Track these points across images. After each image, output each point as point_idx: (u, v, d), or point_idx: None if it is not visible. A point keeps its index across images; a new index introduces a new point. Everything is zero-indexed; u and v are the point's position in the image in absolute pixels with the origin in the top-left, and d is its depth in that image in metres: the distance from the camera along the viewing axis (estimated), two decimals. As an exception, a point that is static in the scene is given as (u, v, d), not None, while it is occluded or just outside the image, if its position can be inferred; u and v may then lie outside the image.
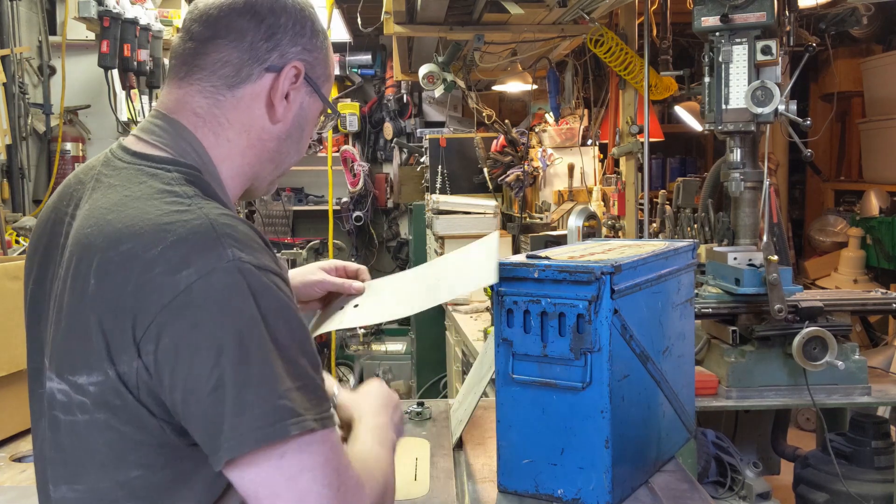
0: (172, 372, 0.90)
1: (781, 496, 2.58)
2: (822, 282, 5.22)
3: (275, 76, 1.08)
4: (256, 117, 1.09)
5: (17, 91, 4.48)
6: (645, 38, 3.47)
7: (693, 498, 1.50)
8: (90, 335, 0.94)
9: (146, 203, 0.97)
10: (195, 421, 0.92)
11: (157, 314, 0.90)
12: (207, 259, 0.91)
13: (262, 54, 1.07)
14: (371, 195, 6.83)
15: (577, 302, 1.40)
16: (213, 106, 1.08)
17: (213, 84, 1.07)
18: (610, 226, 3.90)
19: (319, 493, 0.91)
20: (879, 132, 5.27)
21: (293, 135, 1.14)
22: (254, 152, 1.11)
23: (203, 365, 0.89)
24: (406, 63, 5.04)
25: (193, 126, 1.08)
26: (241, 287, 0.91)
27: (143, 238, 0.93)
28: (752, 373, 2.34)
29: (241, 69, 1.07)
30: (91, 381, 0.95)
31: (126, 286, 0.92)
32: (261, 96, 1.09)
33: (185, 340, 0.89)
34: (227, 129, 1.08)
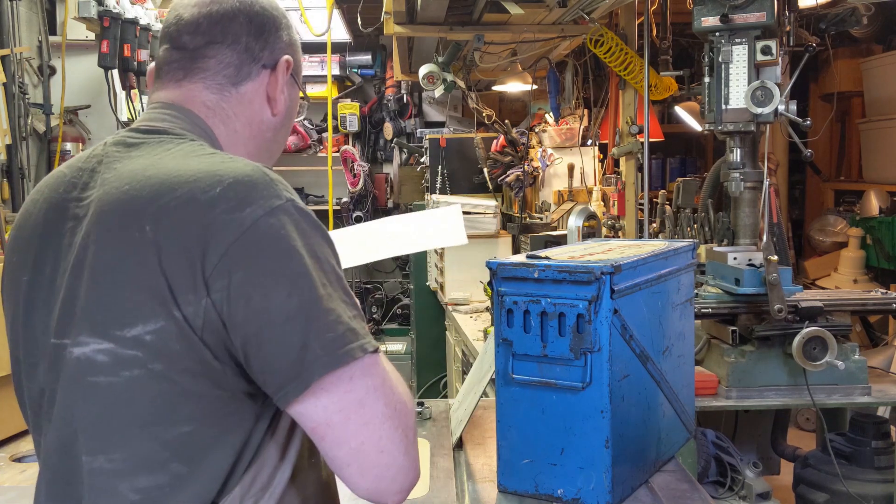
0: (247, 304, 0.93)
1: (781, 496, 2.58)
2: (822, 282, 5.22)
3: (270, 72, 1.17)
4: (257, 111, 1.17)
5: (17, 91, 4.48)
6: (645, 38, 3.47)
7: (693, 498, 1.50)
8: (147, 282, 0.94)
9: (187, 159, 1.02)
10: (268, 352, 0.94)
11: (226, 250, 0.93)
12: (267, 198, 0.96)
13: (256, 53, 1.16)
14: (371, 195, 6.83)
15: (577, 302, 1.40)
16: (220, 100, 1.15)
17: (218, 82, 1.15)
18: (610, 226, 3.90)
19: (383, 412, 0.97)
20: (879, 132, 5.27)
21: (285, 125, 1.22)
22: (255, 143, 1.18)
23: (278, 295, 0.93)
24: (406, 63, 5.04)
25: (204, 116, 1.14)
26: (300, 224, 0.97)
27: (198, 182, 0.97)
28: (751, 373, 2.34)
29: (241, 68, 1.15)
30: (148, 330, 0.94)
31: (189, 227, 0.94)
32: (260, 91, 1.17)
33: (258, 273, 0.93)
34: (235, 122, 1.15)
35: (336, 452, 0.96)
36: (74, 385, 0.99)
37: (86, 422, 0.98)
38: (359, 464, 0.96)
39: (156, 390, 0.95)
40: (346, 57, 6.66)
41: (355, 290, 6.89)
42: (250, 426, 0.99)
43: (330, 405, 0.95)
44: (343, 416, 0.95)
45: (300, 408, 0.95)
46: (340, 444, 0.96)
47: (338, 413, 0.95)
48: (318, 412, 0.95)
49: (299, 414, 0.96)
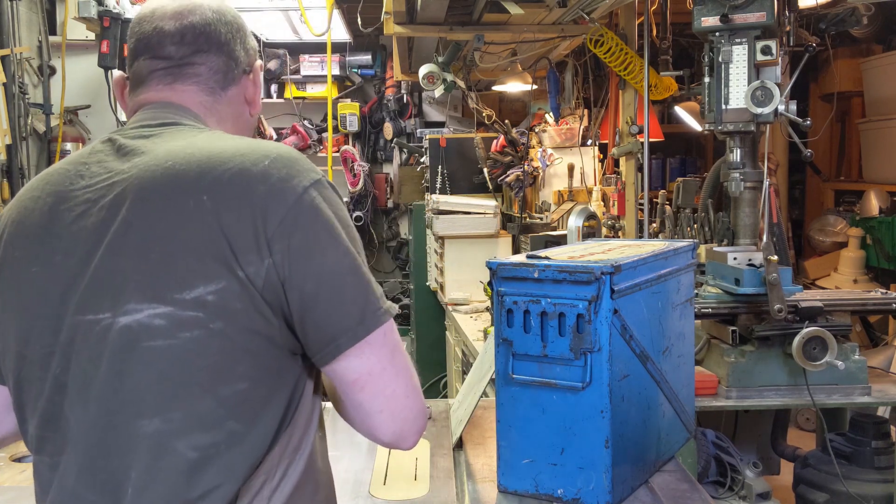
0: (307, 263, 1.03)
1: (781, 496, 2.58)
2: (822, 282, 5.22)
3: (248, 75, 1.26)
4: (240, 111, 1.26)
5: (17, 91, 4.48)
6: (645, 38, 3.47)
7: (693, 498, 1.50)
8: (208, 247, 1.01)
9: (221, 140, 1.11)
10: (324, 309, 1.04)
11: (285, 214, 1.03)
12: (308, 171, 1.08)
13: (237, 58, 1.24)
14: (371, 195, 6.82)
15: (577, 302, 1.40)
16: (213, 102, 1.23)
17: (210, 87, 1.22)
18: (610, 226, 3.90)
19: (405, 363, 1.11)
20: (879, 132, 5.27)
21: (256, 123, 1.34)
22: None
23: (334, 256, 1.05)
24: (406, 63, 5.04)
25: (202, 114, 1.21)
26: (334, 197, 1.09)
27: (246, 157, 1.06)
28: (751, 373, 2.34)
29: (227, 73, 1.24)
30: (210, 290, 1.01)
31: (246, 194, 1.03)
32: (241, 94, 1.26)
33: (315, 236, 1.04)
34: (226, 121, 1.24)
35: (373, 401, 1.08)
36: (125, 354, 1.02)
37: (141, 387, 1.02)
38: (391, 409, 1.08)
39: (215, 348, 1.01)
40: (346, 57, 6.65)
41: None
42: (293, 386, 1.08)
43: (373, 357, 1.06)
44: (381, 367, 1.07)
45: (346, 362, 1.06)
46: (378, 393, 1.07)
47: (378, 364, 1.07)
48: (364, 364, 1.06)
49: (344, 368, 1.06)
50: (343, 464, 1.70)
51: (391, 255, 7.11)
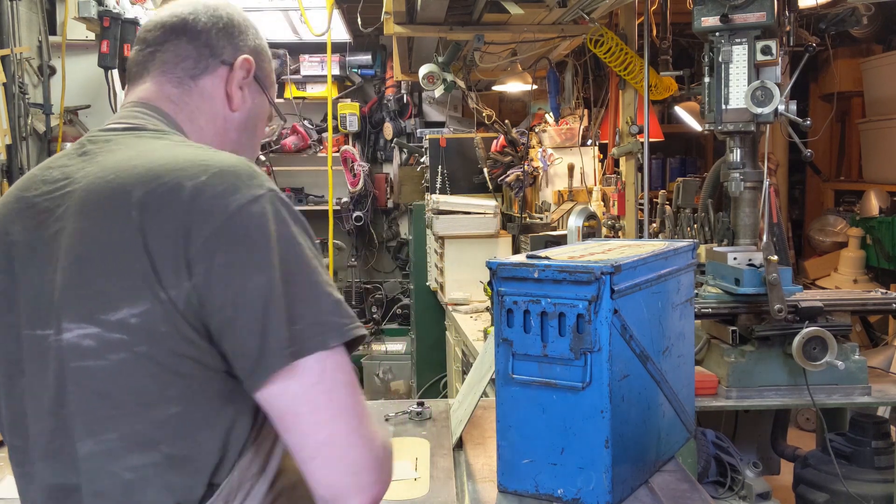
0: (226, 287, 0.95)
1: (781, 496, 2.58)
2: (822, 282, 5.22)
3: (229, 68, 1.19)
4: (219, 107, 1.19)
5: (17, 91, 4.48)
6: (645, 38, 3.47)
7: (693, 498, 1.50)
8: (133, 266, 0.96)
9: (174, 149, 1.05)
10: (240, 335, 0.96)
11: (210, 234, 0.96)
12: (251, 187, 0.99)
13: (217, 49, 1.18)
14: (371, 195, 6.82)
15: (577, 302, 1.40)
16: (183, 94, 1.17)
17: (177, 75, 1.17)
18: (610, 226, 3.90)
19: (351, 406, 0.98)
20: (879, 132, 5.27)
21: (248, 128, 1.23)
22: (220, 140, 1.19)
23: (257, 280, 0.95)
24: (406, 63, 5.04)
25: (172, 112, 1.16)
26: (282, 213, 1.00)
27: (185, 171, 0.99)
28: (751, 373, 2.34)
29: (199, 61, 1.17)
30: (133, 313, 0.96)
31: (175, 212, 0.96)
32: (219, 87, 1.19)
33: (239, 257, 0.96)
34: (199, 117, 1.18)
35: (302, 445, 0.96)
36: (62, 373, 1.00)
37: (76, 407, 1.00)
38: (324, 458, 0.96)
39: (143, 372, 0.97)
40: (346, 57, 6.65)
41: (355, 290, 6.89)
42: (242, 407, 1.00)
43: (300, 394, 0.95)
44: (311, 406, 0.95)
45: (268, 397, 0.96)
46: (306, 436, 0.96)
47: (306, 403, 0.95)
48: (287, 402, 0.96)
49: (267, 404, 0.97)
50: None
51: (391, 255, 7.11)
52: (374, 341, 6.60)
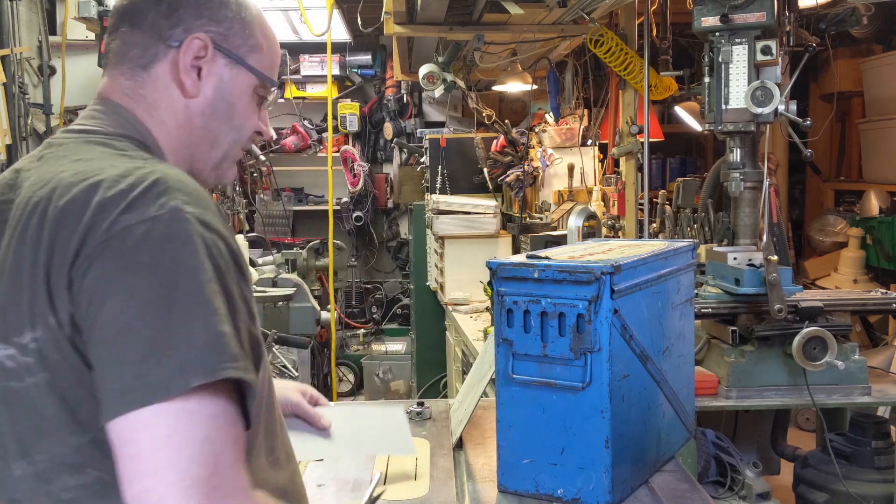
0: (88, 308, 0.89)
1: (781, 496, 2.58)
2: (822, 282, 5.22)
3: (177, 49, 1.09)
4: (175, 96, 1.10)
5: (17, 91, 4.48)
6: (645, 38, 3.47)
7: (693, 498, 1.50)
8: (36, 287, 0.92)
9: (101, 161, 0.99)
10: (99, 367, 0.89)
11: (90, 252, 0.89)
12: (150, 206, 0.90)
13: (164, 32, 1.08)
14: (371, 195, 6.83)
15: (577, 302, 1.40)
16: (136, 87, 1.09)
17: (128, 67, 1.10)
18: (610, 226, 3.90)
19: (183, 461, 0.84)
20: (879, 132, 5.27)
21: (218, 110, 1.12)
22: (184, 132, 1.11)
23: (114, 306, 0.87)
24: (406, 63, 5.04)
25: (130, 107, 1.09)
26: (177, 237, 0.89)
27: (94, 187, 0.93)
28: (751, 373, 2.34)
29: (147, 49, 1.09)
30: (34, 337, 0.92)
31: (73, 229, 0.91)
32: (170, 73, 1.09)
33: (105, 278, 0.88)
34: (157, 110, 1.10)
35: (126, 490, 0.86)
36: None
37: (7, 427, 0.97)
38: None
39: (52, 398, 0.93)
40: (346, 57, 6.66)
41: (355, 290, 6.89)
42: None
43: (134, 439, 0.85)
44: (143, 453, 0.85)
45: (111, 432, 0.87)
46: (130, 482, 0.85)
47: (137, 448, 0.85)
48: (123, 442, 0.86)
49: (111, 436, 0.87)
50: (343, 464, 1.70)
51: (391, 255, 7.11)
52: (374, 341, 6.61)
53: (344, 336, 6.69)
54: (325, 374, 6.02)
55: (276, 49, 1.18)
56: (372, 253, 7.06)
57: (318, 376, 5.97)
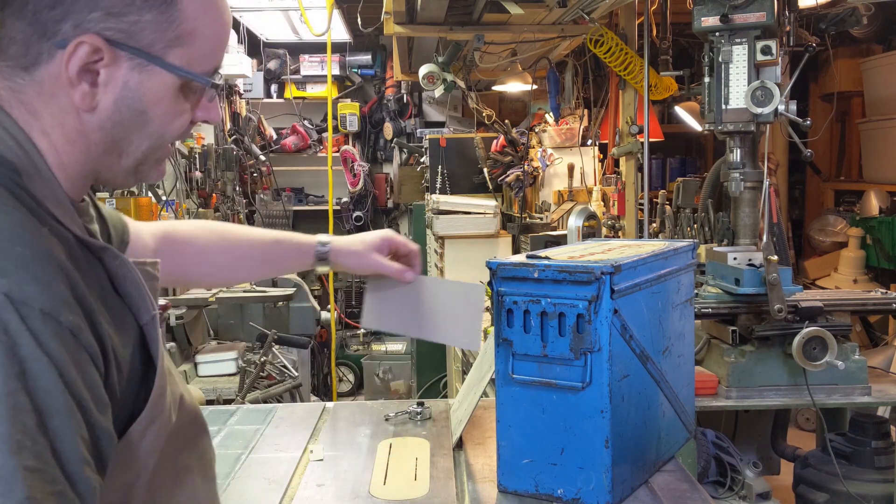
0: None
1: (781, 496, 2.58)
2: (822, 282, 5.22)
3: (69, 49, 0.85)
4: (65, 105, 0.87)
5: None
6: (645, 38, 3.47)
7: (693, 498, 1.50)
8: None
9: None
10: None
11: None
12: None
13: (49, 27, 0.84)
14: (371, 195, 6.83)
15: (577, 302, 1.40)
16: (15, 91, 0.87)
17: (7, 64, 0.87)
18: (610, 226, 3.90)
19: None
20: (879, 132, 5.27)
21: (124, 121, 0.89)
22: (77, 147, 0.89)
23: None
24: (406, 63, 5.04)
25: (9, 107, 0.87)
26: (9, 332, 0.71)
27: None
28: (751, 373, 2.34)
29: (29, 47, 0.85)
30: None
31: None
32: (60, 79, 0.86)
33: None
34: (38, 120, 0.87)
35: None
36: None
37: None
38: None
39: None
40: (346, 57, 6.66)
41: (355, 289, 6.89)
42: None
43: None
44: None
45: None
46: None
47: None
48: None
49: None
50: (343, 464, 1.70)
51: (391, 255, 7.11)
52: (374, 341, 6.61)
53: (344, 336, 6.68)
54: (325, 374, 6.02)
55: (218, 26, 0.93)
56: (372, 253, 7.05)
57: (318, 376, 5.97)
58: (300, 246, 1.55)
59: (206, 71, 0.93)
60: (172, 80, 0.90)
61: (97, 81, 0.87)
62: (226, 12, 0.95)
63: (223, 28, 0.94)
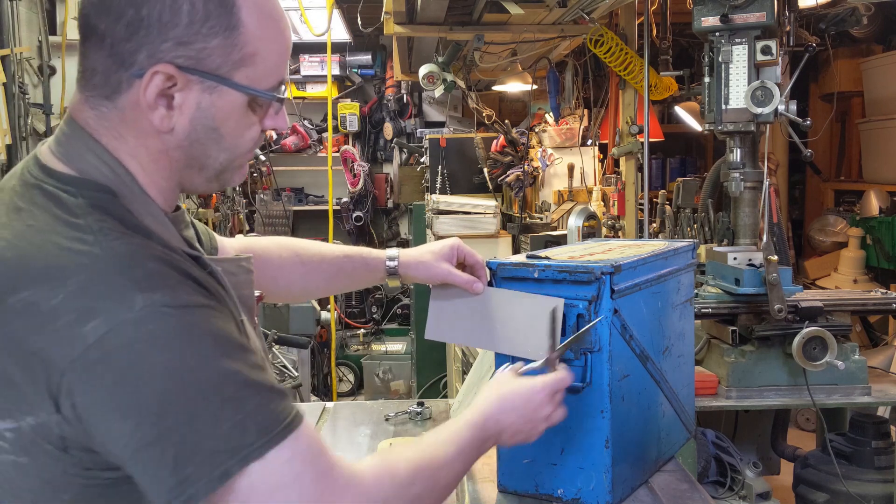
0: (96, 428, 0.86)
1: (781, 496, 2.58)
2: (822, 282, 5.22)
3: (142, 79, 0.94)
4: (146, 129, 0.96)
5: (17, 91, 4.48)
6: (645, 38, 3.47)
7: (693, 498, 1.50)
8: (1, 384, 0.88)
9: (46, 238, 0.89)
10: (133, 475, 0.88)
11: (66, 370, 0.84)
12: (115, 308, 0.84)
13: (126, 58, 0.93)
14: (371, 195, 6.83)
15: (577, 302, 1.40)
16: (100, 118, 0.97)
17: (92, 94, 0.96)
18: (610, 226, 3.90)
19: None
20: (879, 132, 5.27)
21: (200, 138, 0.98)
22: (161, 165, 0.99)
23: (124, 427, 0.85)
24: (406, 63, 5.04)
25: (97, 136, 0.97)
26: (155, 336, 0.85)
27: (43, 284, 0.86)
28: (752, 373, 2.34)
29: (108, 77, 0.94)
30: (7, 428, 0.89)
31: (31, 338, 0.85)
32: (140, 106, 0.95)
33: (100, 401, 0.85)
34: (124, 143, 0.97)
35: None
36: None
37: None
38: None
39: (31, 477, 0.91)
40: (346, 57, 6.66)
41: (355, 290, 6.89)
42: None
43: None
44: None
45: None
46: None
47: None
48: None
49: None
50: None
51: (391, 256, 7.11)
52: (374, 341, 6.61)
53: (344, 336, 6.68)
54: (325, 374, 6.02)
55: (280, 44, 1.01)
56: (372, 253, 7.05)
57: (318, 376, 5.97)
58: (368, 262, 1.55)
59: (270, 85, 1.01)
60: (240, 97, 0.98)
61: (173, 105, 0.95)
62: (286, 29, 1.03)
63: (284, 44, 1.02)
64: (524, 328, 1.43)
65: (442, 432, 1.14)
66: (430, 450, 1.09)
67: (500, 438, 1.24)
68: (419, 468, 1.04)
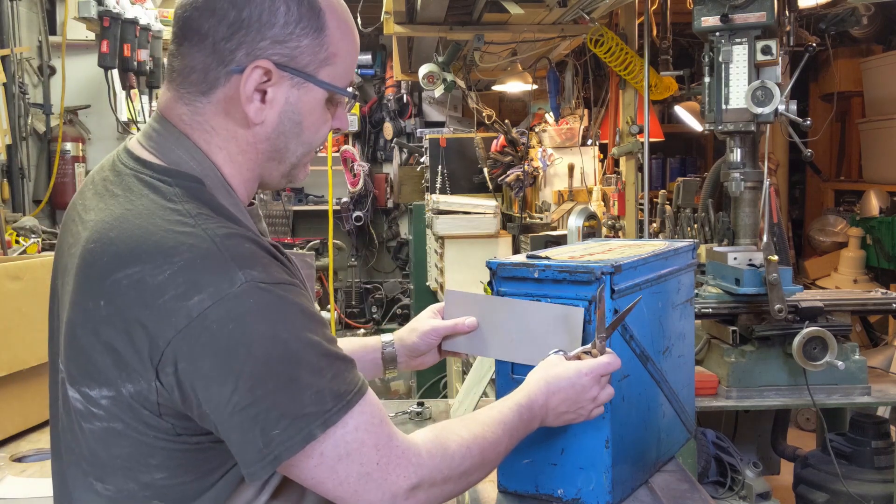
0: (196, 394, 0.93)
1: (781, 496, 2.58)
2: (822, 282, 5.22)
3: (240, 74, 1.03)
4: (238, 122, 1.05)
5: (17, 91, 4.48)
6: (645, 38, 3.47)
7: (693, 498, 1.50)
8: (101, 354, 0.95)
9: (149, 221, 0.97)
10: (228, 440, 0.96)
11: (171, 339, 0.91)
12: (218, 284, 0.92)
13: (226, 55, 1.02)
14: (371, 195, 6.83)
15: (578, 302, 1.40)
16: (194, 113, 1.05)
17: (188, 91, 1.05)
18: (610, 226, 3.90)
19: (359, 472, 0.97)
20: (879, 132, 5.27)
21: (285, 131, 1.08)
22: (248, 157, 1.08)
23: (223, 391, 0.92)
24: (406, 63, 5.04)
25: (188, 132, 1.05)
26: (254, 309, 0.93)
27: (149, 262, 0.93)
28: (752, 373, 2.34)
29: (207, 73, 1.03)
30: (104, 395, 0.96)
31: (138, 311, 0.93)
32: (235, 100, 1.04)
33: (203, 367, 0.92)
34: (215, 136, 1.05)
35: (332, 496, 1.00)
36: (67, 421, 1.03)
37: (83, 449, 1.02)
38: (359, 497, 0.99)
39: (123, 443, 0.98)
40: (345, 57, 6.65)
41: (355, 290, 6.90)
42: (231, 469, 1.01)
43: (301, 476, 0.98)
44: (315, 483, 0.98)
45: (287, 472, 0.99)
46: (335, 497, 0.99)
47: (313, 481, 0.98)
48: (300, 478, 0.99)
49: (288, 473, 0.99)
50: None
51: (391, 255, 7.11)
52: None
53: (344, 336, 6.68)
54: (325, 374, 6.01)
55: (353, 47, 1.12)
56: (372, 253, 7.06)
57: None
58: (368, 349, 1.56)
59: (345, 85, 1.11)
60: (322, 94, 1.08)
61: (266, 98, 1.04)
62: (356, 35, 1.13)
63: (356, 49, 1.13)
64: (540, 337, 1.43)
65: (491, 412, 1.19)
66: (480, 429, 1.14)
67: (546, 420, 1.28)
68: (470, 447, 1.10)
